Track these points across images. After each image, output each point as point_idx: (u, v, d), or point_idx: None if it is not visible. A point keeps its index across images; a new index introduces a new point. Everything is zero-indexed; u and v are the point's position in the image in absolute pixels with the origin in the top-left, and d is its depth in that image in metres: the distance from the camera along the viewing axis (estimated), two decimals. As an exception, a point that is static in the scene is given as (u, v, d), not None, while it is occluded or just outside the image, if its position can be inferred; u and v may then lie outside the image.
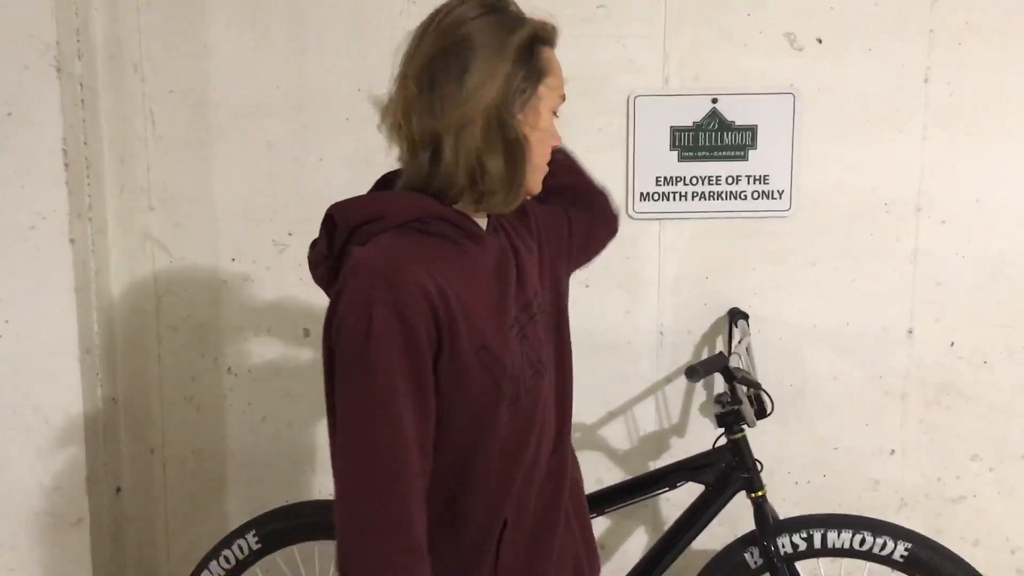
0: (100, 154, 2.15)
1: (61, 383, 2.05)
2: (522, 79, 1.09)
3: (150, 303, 2.23)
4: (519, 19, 1.12)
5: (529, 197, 1.20)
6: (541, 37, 1.13)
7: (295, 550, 2.07)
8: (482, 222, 1.18)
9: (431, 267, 1.04)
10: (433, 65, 1.07)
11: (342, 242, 1.11)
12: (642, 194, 2.18)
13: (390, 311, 1.00)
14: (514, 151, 1.10)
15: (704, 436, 2.19)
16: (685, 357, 2.23)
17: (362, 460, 1.00)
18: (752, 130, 2.16)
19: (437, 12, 1.12)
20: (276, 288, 2.23)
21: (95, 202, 2.13)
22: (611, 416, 2.25)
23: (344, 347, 1.02)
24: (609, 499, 1.99)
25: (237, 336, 2.25)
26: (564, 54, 2.15)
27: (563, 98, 1.18)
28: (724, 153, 2.17)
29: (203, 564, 1.99)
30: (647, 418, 2.25)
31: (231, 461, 2.28)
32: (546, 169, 1.20)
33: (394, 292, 1.00)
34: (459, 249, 1.11)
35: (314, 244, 1.16)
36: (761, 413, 1.88)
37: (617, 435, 2.26)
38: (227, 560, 1.98)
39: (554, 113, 1.17)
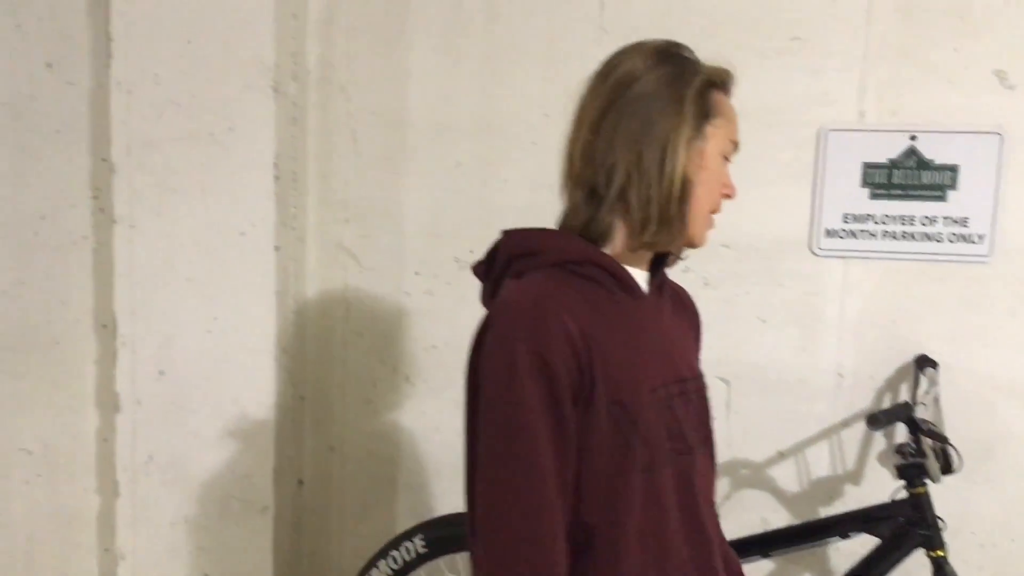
0: (305, 168, 2.31)
1: (258, 378, 2.21)
2: (690, 121, 1.11)
3: (339, 309, 2.38)
4: (692, 66, 1.13)
5: (691, 246, 1.17)
6: (714, 83, 1.14)
7: (458, 558, 2.14)
8: (640, 276, 1.17)
9: (577, 311, 1.07)
10: (607, 114, 1.13)
11: (501, 269, 1.17)
12: (827, 230, 2.12)
13: (533, 352, 1.03)
14: (673, 186, 1.10)
15: (881, 486, 2.08)
16: (865, 402, 2.15)
17: (504, 498, 1.04)
18: (953, 170, 2.06)
19: (610, 61, 1.16)
20: (455, 303, 2.32)
21: (298, 212, 2.29)
22: (781, 456, 2.19)
23: (489, 383, 1.07)
24: (775, 542, 1.95)
25: (416, 346, 2.35)
26: (755, 86, 2.14)
27: (735, 144, 1.16)
28: (920, 192, 2.07)
29: (372, 562, 2.09)
30: (820, 462, 2.18)
31: (403, 465, 2.38)
32: (711, 218, 1.16)
33: (537, 333, 1.03)
34: (611, 298, 1.11)
35: (477, 263, 1.23)
36: (947, 469, 1.79)
37: (786, 476, 2.20)
38: (395, 560, 2.07)
39: (726, 159, 1.15)
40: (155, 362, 2.22)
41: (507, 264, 1.15)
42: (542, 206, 2.21)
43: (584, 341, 1.05)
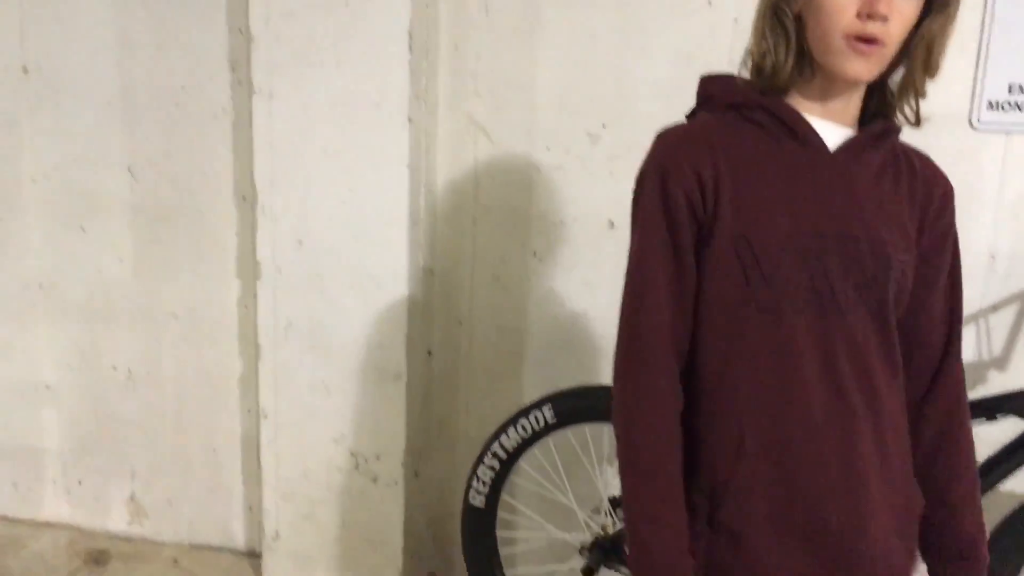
0: (437, 39, 2.28)
1: (391, 250, 2.25)
2: None
3: (469, 184, 2.38)
4: None
5: (847, 80, 1.09)
6: None
7: (587, 429, 2.18)
8: (832, 130, 1.13)
9: (722, 149, 1.11)
10: None
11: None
12: (990, 103, 1.99)
13: (656, 177, 1.12)
14: (767, 18, 1.12)
15: (1029, 373, 2.02)
16: (1017, 286, 2.04)
17: (625, 302, 1.15)
18: None
19: None
20: (586, 178, 2.29)
21: (429, 85, 2.27)
22: (922, 340, 2.13)
23: (631, 206, 1.18)
24: (915, 423, 1.91)
25: (545, 223, 2.35)
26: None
27: None
28: (1099, 61, 1.92)
29: (502, 429, 2.13)
30: (965, 346, 2.02)
31: (530, 340, 2.42)
32: (850, 44, 1.05)
33: (664, 162, 1.12)
34: (772, 141, 1.12)
35: (689, 111, 1.27)
36: (1113, 352, 1.70)
37: (927, 360, 2.13)
38: (524, 428, 2.12)
39: None
40: (293, 232, 2.28)
41: (698, 109, 1.22)
42: (681, 78, 2.16)
43: (715, 176, 1.10)
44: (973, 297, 2.07)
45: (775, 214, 1.09)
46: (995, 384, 2.08)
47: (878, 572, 1.11)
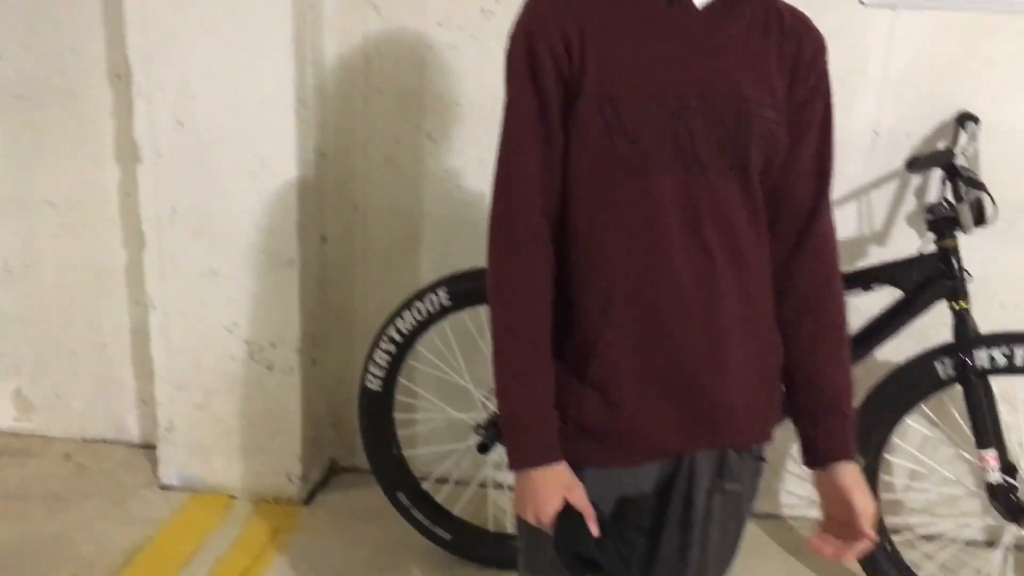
0: (320, -95, 2.16)
1: (278, 132, 2.16)
2: None
3: (359, 62, 2.29)
4: None
5: None
6: None
7: (482, 311, 2.18)
8: None
9: (588, 9, 1.08)
10: None
11: None
12: (879, -23, 1.99)
13: (523, 39, 1.09)
14: None
15: (907, 249, 2.08)
16: (898, 161, 2.09)
17: (497, 166, 1.14)
18: (1022, -93, 1.90)
19: None
20: (479, 57, 2.23)
21: (314, -46, 2.16)
22: (808, 216, 2.17)
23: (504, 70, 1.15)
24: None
25: (438, 103, 2.29)
26: None
27: None
28: (983, -66, 1.93)
29: (397, 312, 2.13)
30: (846, 222, 2.15)
31: (426, 223, 2.38)
32: None
33: (531, 23, 1.10)
34: (644, 4, 1.09)
35: None
36: (980, 220, 1.76)
37: (812, 236, 2.19)
38: (419, 312, 2.11)
39: None
40: (173, 112, 2.17)
41: None
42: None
43: (581, 36, 1.07)
44: (856, 173, 2.12)
45: (639, 74, 1.07)
46: (875, 258, 2.15)
47: (739, 421, 1.15)
